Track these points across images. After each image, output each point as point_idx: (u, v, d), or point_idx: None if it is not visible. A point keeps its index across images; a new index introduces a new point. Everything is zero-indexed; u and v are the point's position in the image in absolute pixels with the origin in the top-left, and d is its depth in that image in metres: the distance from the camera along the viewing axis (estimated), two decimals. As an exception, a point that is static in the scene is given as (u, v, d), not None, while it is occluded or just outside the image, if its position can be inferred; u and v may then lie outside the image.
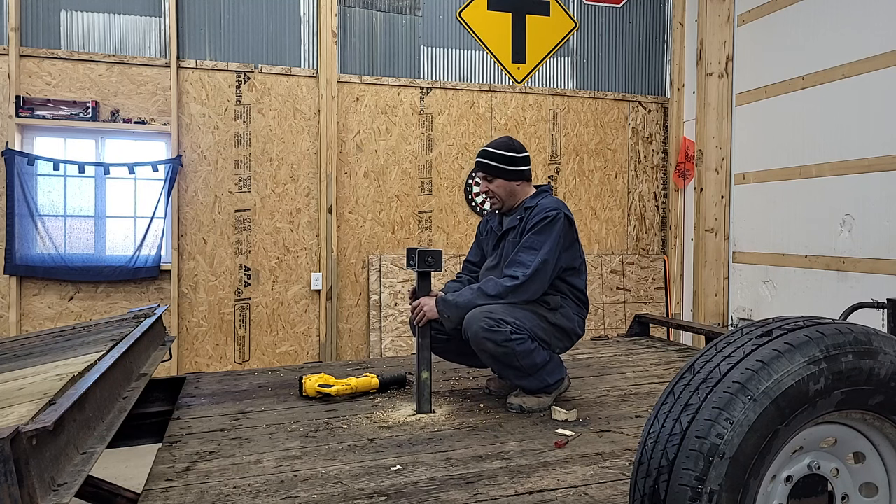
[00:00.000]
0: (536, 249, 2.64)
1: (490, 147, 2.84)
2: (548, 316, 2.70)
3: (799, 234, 4.87)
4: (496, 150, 2.81)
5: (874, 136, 4.28)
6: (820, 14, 4.70)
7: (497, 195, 2.84)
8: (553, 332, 2.71)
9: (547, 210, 2.71)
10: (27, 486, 1.27)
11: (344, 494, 1.82)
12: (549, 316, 2.70)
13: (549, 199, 2.81)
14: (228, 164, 5.11)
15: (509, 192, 2.83)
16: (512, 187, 2.82)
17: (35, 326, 4.73)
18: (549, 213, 2.69)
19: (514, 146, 2.84)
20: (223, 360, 5.12)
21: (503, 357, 2.57)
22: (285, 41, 5.23)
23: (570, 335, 2.77)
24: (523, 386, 2.68)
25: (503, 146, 2.83)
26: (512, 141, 2.86)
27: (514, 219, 2.83)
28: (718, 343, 1.35)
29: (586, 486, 1.88)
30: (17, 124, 4.66)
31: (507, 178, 2.81)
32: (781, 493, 1.32)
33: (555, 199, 2.84)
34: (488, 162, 2.81)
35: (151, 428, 2.77)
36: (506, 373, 2.68)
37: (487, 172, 2.82)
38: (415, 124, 5.52)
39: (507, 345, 2.53)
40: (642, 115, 6.14)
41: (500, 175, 2.80)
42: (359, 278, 5.42)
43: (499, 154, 2.80)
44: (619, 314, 5.94)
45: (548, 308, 2.71)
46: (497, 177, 2.81)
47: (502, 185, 2.82)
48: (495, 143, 2.86)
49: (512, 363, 2.59)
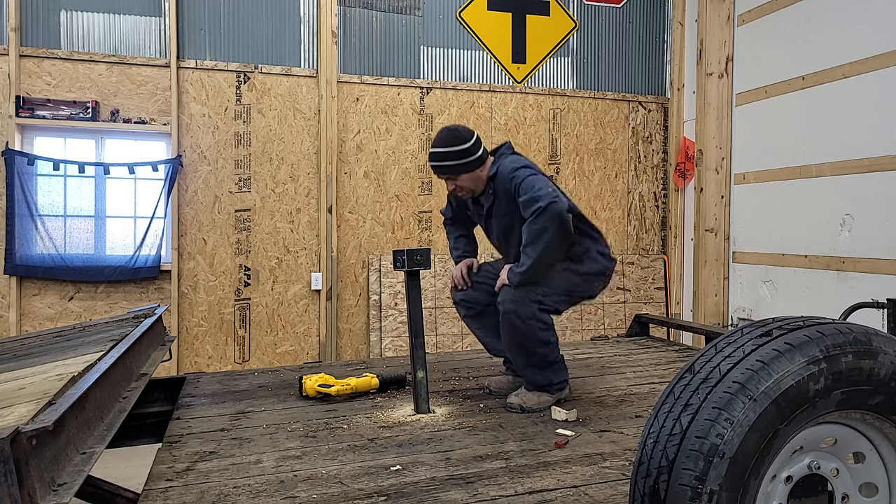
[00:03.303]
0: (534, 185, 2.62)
1: (438, 149, 2.74)
2: (577, 269, 2.75)
3: (799, 234, 4.87)
4: (446, 148, 2.72)
5: (874, 136, 4.28)
6: (820, 14, 4.70)
7: (465, 188, 2.81)
8: (587, 280, 2.77)
9: (509, 168, 2.71)
10: (27, 486, 1.27)
11: (344, 494, 1.82)
12: (578, 268, 2.75)
13: (506, 160, 2.77)
14: (228, 164, 5.11)
15: (476, 179, 2.79)
16: (476, 175, 2.78)
17: (35, 326, 4.73)
18: (513, 173, 2.69)
19: (461, 136, 2.74)
20: (223, 360, 5.12)
21: (522, 335, 2.61)
22: (285, 41, 5.23)
23: (603, 273, 2.82)
24: (528, 377, 2.70)
25: (451, 141, 2.73)
26: (456, 131, 2.76)
27: (488, 196, 2.81)
28: (718, 343, 1.35)
29: (586, 486, 1.88)
30: (17, 124, 4.66)
31: (470, 170, 2.76)
32: (781, 493, 1.32)
33: (511, 157, 2.81)
34: (445, 164, 2.74)
35: (151, 428, 2.77)
36: (518, 355, 2.70)
37: (449, 173, 2.76)
38: (415, 124, 5.52)
39: (530, 323, 2.59)
40: (642, 115, 6.14)
41: (462, 171, 2.75)
42: (359, 278, 5.42)
43: (451, 152, 2.71)
44: (619, 314, 5.94)
45: (574, 262, 2.75)
46: (460, 173, 2.75)
47: (467, 178, 2.77)
48: (441, 141, 2.75)
49: (526, 345, 2.63)
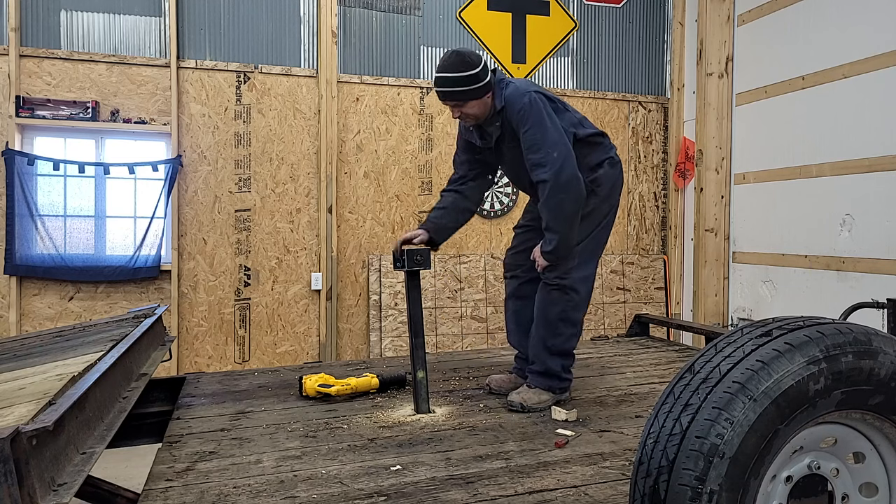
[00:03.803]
0: (539, 144, 2.59)
1: (446, 73, 2.57)
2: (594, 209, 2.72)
3: (799, 234, 4.87)
4: (455, 73, 2.56)
5: (874, 136, 4.28)
6: (820, 14, 4.70)
7: (471, 115, 2.67)
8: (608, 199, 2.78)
9: (519, 102, 2.61)
10: (27, 486, 1.27)
11: (344, 494, 1.82)
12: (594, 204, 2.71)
13: (511, 90, 2.66)
14: (228, 164, 5.11)
15: (483, 106, 2.65)
16: (485, 101, 2.65)
17: (35, 326, 4.73)
18: (521, 104, 2.60)
19: (470, 60, 2.59)
20: (223, 360, 5.12)
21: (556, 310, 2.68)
22: (285, 41, 5.23)
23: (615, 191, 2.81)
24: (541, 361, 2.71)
25: (460, 66, 2.57)
26: (464, 55, 2.61)
27: (496, 128, 2.70)
28: (718, 343, 1.35)
29: (586, 486, 1.88)
30: (17, 124, 4.66)
31: (479, 96, 2.62)
32: (781, 493, 1.32)
33: (514, 85, 2.69)
34: (453, 90, 2.58)
35: (151, 428, 2.77)
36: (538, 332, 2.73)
37: (456, 99, 2.61)
38: (415, 124, 5.52)
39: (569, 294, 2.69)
40: (642, 115, 6.14)
41: (470, 97, 2.60)
42: (359, 278, 5.42)
43: (461, 77, 2.56)
44: (619, 314, 5.94)
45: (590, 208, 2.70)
46: (468, 100, 2.61)
47: (475, 104, 2.63)
48: (449, 65, 2.58)
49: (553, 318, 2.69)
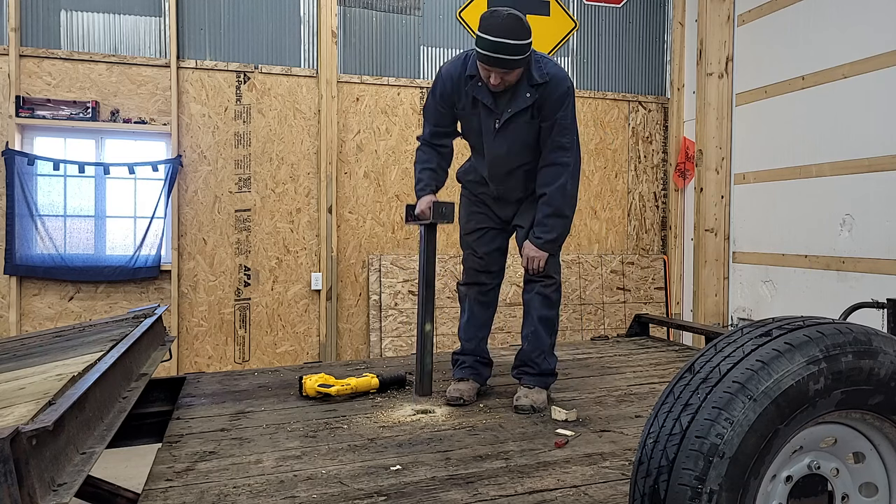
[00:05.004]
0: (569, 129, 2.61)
1: (504, 38, 2.40)
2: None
3: (799, 234, 4.87)
4: (513, 41, 2.42)
5: (874, 136, 4.28)
6: (820, 14, 4.70)
7: (510, 81, 2.55)
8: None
9: (563, 85, 2.59)
10: (27, 486, 1.27)
11: (344, 494, 1.82)
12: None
13: (555, 70, 2.61)
14: (228, 164, 5.11)
15: (520, 74, 2.56)
16: (525, 69, 2.56)
17: (35, 326, 4.73)
18: (566, 88, 2.59)
19: (524, 27, 2.46)
20: (223, 360, 5.12)
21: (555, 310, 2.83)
22: (285, 41, 5.23)
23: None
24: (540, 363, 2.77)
25: (521, 33, 2.44)
26: (522, 20, 2.47)
27: (525, 99, 2.57)
28: (718, 343, 1.35)
29: (586, 486, 1.88)
30: (17, 124, 4.65)
31: (525, 65, 2.53)
32: (781, 493, 1.32)
33: (554, 64, 2.64)
34: (511, 58, 2.44)
35: (151, 428, 2.77)
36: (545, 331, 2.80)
37: (510, 67, 2.47)
38: (415, 124, 5.52)
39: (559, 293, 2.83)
40: (642, 115, 6.14)
41: (520, 65, 2.50)
42: (359, 278, 5.42)
43: (519, 45, 2.43)
44: (619, 314, 5.94)
45: None
46: (516, 67, 2.49)
47: (518, 72, 2.53)
48: (509, 31, 2.41)
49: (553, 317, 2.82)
